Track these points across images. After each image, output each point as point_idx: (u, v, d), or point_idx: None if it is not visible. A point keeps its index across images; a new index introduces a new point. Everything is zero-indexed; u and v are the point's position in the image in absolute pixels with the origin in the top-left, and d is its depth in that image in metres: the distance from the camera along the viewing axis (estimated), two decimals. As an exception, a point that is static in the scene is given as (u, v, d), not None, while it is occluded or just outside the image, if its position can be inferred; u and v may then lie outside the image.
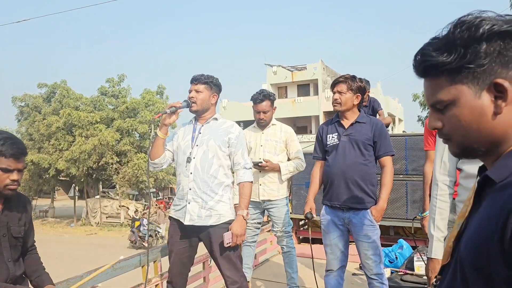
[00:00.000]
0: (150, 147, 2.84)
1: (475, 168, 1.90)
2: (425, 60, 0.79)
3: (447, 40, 0.76)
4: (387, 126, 4.67)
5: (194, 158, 2.73)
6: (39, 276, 2.12)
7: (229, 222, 2.70)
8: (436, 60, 0.77)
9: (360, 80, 2.95)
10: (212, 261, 3.17)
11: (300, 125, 32.64)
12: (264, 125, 3.62)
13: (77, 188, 26.27)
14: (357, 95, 2.89)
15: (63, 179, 26.13)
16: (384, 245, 3.54)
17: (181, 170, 2.77)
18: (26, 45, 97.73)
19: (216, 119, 2.84)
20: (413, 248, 4.29)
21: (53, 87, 24.15)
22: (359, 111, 2.95)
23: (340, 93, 2.87)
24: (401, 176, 4.73)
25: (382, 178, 2.85)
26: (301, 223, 5.93)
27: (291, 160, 3.64)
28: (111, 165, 22.30)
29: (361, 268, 3.23)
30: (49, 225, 24.80)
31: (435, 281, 0.88)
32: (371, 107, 4.73)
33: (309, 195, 3.07)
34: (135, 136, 23.61)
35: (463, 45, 0.74)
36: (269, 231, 4.83)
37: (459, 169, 2.01)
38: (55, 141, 22.34)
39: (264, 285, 4.17)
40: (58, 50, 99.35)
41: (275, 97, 3.72)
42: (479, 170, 0.84)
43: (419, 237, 4.11)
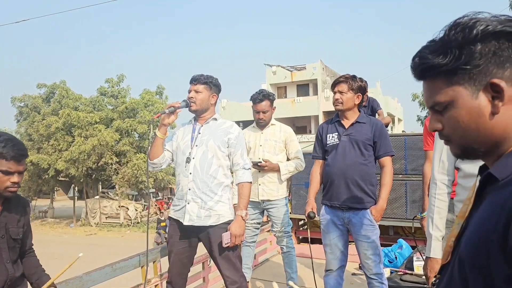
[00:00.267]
0: (149, 147, 2.84)
1: (474, 167, 1.90)
2: (422, 63, 0.80)
3: (442, 42, 0.77)
4: (386, 126, 4.67)
5: (193, 158, 2.72)
6: (38, 279, 2.12)
7: (228, 223, 2.69)
8: (432, 62, 0.77)
9: (361, 80, 2.96)
10: (212, 261, 3.17)
11: (300, 125, 32.65)
12: (264, 125, 3.62)
13: (76, 188, 26.28)
14: (358, 95, 2.89)
15: (63, 179, 26.13)
16: (383, 245, 3.54)
17: (180, 170, 2.77)
18: (25, 45, 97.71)
19: (215, 119, 2.84)
20: (413, 248, 4.29)
21: (52, 88, 24.15)
22: (359, 111, 2.96)
23: (341, 93, 2.87)
24: (400, 176, 4.73)
25: (382, 178, 2.85)
26: (300, 223, 5.93)
27: (290, 160, 3.64)
28: (110, 166, 22.30)
29: (360, 268, 3.23)
30: (48, 225, 24.79)
31: (435, 280, 0.88)
32: (370, 107, 4.73)
33: (310, 194, 3.06)
34: (135, 136, 23.60)
35: (458, 47, 0.75)
36: (268, 231, 4.82)
37: (458, 169, 2.01)
38: (55, 141, 22.34)
39: (263, 285, 4.17)
40: (57, 50, 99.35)
41: (274, 97, 3.72)
42: (480, 170, 0.84)
43: (418, 236, 4.11)
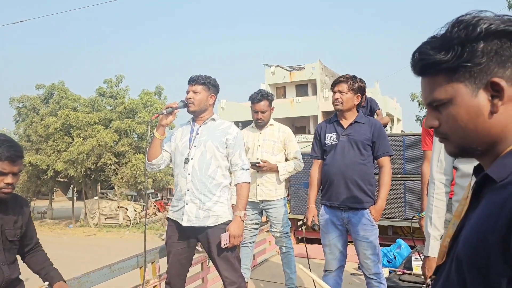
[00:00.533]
0: (147, 148, 2.84)
1: (471, 167, 1.90)
2: (422, 59, 0.79)
3: (444, 39, 0.76)
4: (385, 126, 4.67)
5: (192, 159, 2.72)
6: (47, 274, 2.10)
7: (227, 223, 2.69)
8: (433, 58, 0.77)
9: (361, 81, 2.96)
10: (211, 262, 3.17)
11: (299, 125, 32.65)
12: (262, 125, 3.61)
13: (75, 189, 26.23)
14: (358, 95, 2.90)
15: (61, 180, 26.08)
16: (382, 245, 3.54)
17: (179, 171, 2.77)
18: (23, 46, 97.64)
19: (214, 119, 2.84)
20: (411, 247, 4.29)
21: (51, 88, 24.11)
22: (357, 111, 2.96)
23: (341, 92, 2.87)
24: (399, 176, 4.73)
25: (381, 178, 2.85)
26: (299, 223, 5.92)
27: (289, 160, 3.64)
28: (109, 166, 22.26)
29: (359, 268, 3.23)
30: (47, 226, 24.75)
31: (430, 280, 0.87)
32: (369, 107, 4.73)
33: (310, 200, 3.03)
34: (133, 137, 23.59)
35: (460, 44, 0.74)
36: (267, 231, 4.82)
37: (456, 168, 2.01)
38: (53, 142, 22.31)
39: (262, 286, 4.16)
40: (55, 51, 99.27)
41: (273, 97, 3.71)
42: (475, 170, 0.84)
43: (417, 236, 4.11)
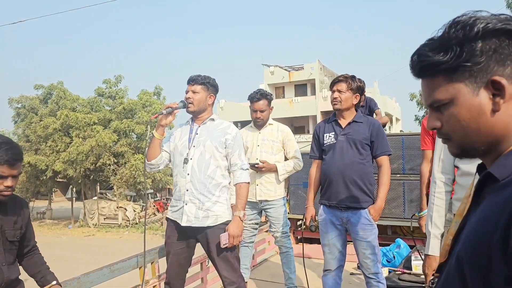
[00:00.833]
0: (147, 148, 2.83)
1: (471, 166, 1.91)
2: (421, 60, 0.79)
3: (442, 40, 0.77)
4: (384, 126, 4.67)
5: (191, 159, 2.72)
6: (43, 277, 2.11)
7: (226, 223, 2.69)
8: (432, 59, 0.77)
9: (360, 80, 2.96)
10: (210, 262, 3.17)
11: (298, 125, 32.65)
12: (261, 124, 3.61)
13: (74, 189, 26.20)
14: (356, 95, 2.90)
15: (61, 180, 26.06)
16: (381, 244, 3.54)
17: (178, 171, 2.77)
18: (22, 46, 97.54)
19: (213, 119, 2.84)
20: (411, 247, 4.30)
21: (49, 89, 24.09)
22: (356, 111, 2.96)
23: (340, 91, 2.87)
24: (398, 175, 4.73)
25: (380, 177, 2.85)
26: (298, 223, 5.92)
27: (288, 159, 3.64)
28: (108, 166, 22.25)
29: (359, 267, 3.24)
30: (46, 226, 24.73)
31: (432, 279, 0.87)
32: (368, 107, 4.73)
33: (309, 200, 3.04)
34: (132, 137, 23.58)
35: (458, 44, 0.74)
36: (267, 231, 4.82)
37: (456, 167, 2.02)
38: (52, 142, 22.28)
39: (262, 286, 4.16)
40: (54, 51, 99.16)
41: (272, 96, 3.71)
42: (478, 169, 0.84)
43: (417, 236, 4.11)
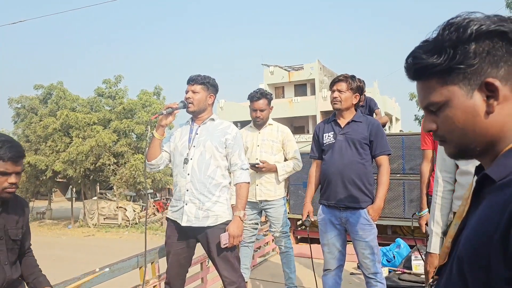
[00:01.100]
0: (147, 148, 2.84)
1: (468, 165, 1.91)
2: (416, 63, 0.80)
3: (436, 42, 0.77)
4: (384, 126, 4.67)
5: (191, 159, 2.72)
6: (36, 279, 2.12)
7: (226, 223, 2.69)
8: (426, 62, 0.77)
9: (359, 80, 2.97)
10: (210, 262, 3.17)
11: (297, 125, 32.66)
12: (261, 124, 3.61)
13: (74, 189, 26.21)
14: (356, 94, 2.90)
15: (60, 180, 26.06)
16: (381, 244, 3.55)
17: (178, 171, 2.77)
18: (22, 46, 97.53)
19: (213, 119, 2.84)
20: (411, 247, 4.30)
21: (49, 89, 24.09)
22: (355, 110, 2.96)
23: (340, 91, 2.87)
24: (398, 175, 4.74)
25: (379, 177, 2.86)
26: (298, 223, 5.93)
27: (288, 160, 3.64)
28: (108, 166, 22.25)
29: (358, 267, 3.24)
30: (46, 227, 24.73)
31: (432, 281, 0.88)
32: (368, 107, 4.74)
33: (306, 197, 3.05)
34: (132, 137, 23.58)
35: (452, 46, 0.75)
36: (267, 231, 4.83)
37: (457, 166, 2.03)
38: (52, 142, 22.28)
39: (262, 285, 4.17)
40: (54, 51, 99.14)
41: (272, 96, 3.71)
42: (477, 170, 0.84)
43: (417, 235, 4.12)
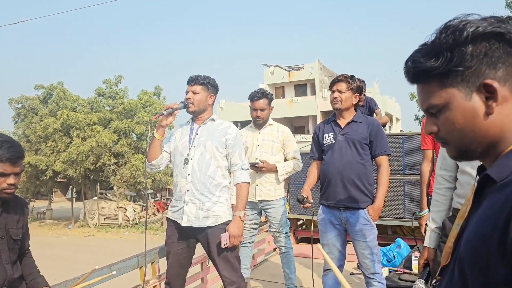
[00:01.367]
0: (147, 148, 2.84)
1: (467, 164, 1.93)
2: (415, 67, 0.81)
3: (434, 46, 0.78)
4: (384, 126, 4.68)
5: (191, 159, 2.72)
6: (33, 279, 2.12)
7: (226, 223, 2.69)
8: (424, 65, 0.78)
9: (359, 80, 2.98)
10: (210, 262, 3.17)
11: (298, 125, 32.65)
12: (261, 123, 3.61)
13: (74, 189, 26.21)
14: (356, 94, 2.90)
15: (61, 180, 26.07)
16: (381, 244, 3.55)
17: (178, 171, 2.77)
18: (22, 47, 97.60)
19: (213, 119, 2.84)
20: (411, 247, 4.30)
21: (49, 89, 24.10)
22: (355, 110, 2.96)
23: (340, 91, 2.87)
24: (398, 175, 4.74)
25: (379, 177, 2.86)
26: (299, 223, 5.93)
27: (288, 160, 3.64)
28: (108, 167, 22.26)
29: (358, 267, 3.24)
30: (46, 227, 24.73)
31: (435, 282, 0.88)
32: (368, 107, 4.74)
33: (305, 185, 2.99)
34: (133, 137, 23.58)
35: (449, 49, 0.75)
36: (267, 231, 4.82)
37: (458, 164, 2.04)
38: (52, 142, 22.29)
39: (262, 286, 4.17)
40: (54, 51, 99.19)
41: (272, 97, 3.71)
42: (478, 170, 0.84)
43: (418, 235, 4.11)
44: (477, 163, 1.94)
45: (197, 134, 2.78)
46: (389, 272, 3.76)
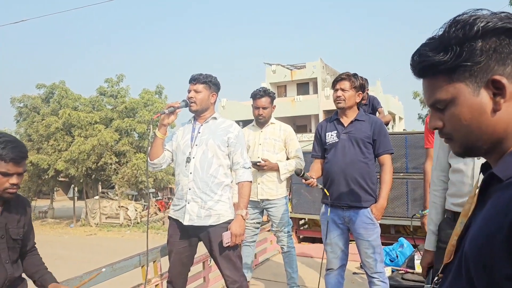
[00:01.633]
0: (149, 147, 2.83)
1: (459, 162, 1.93)
2: (422, 61, 0.79)
3: (442, 40, 0.76)
4: (387, 124, 4.67)
5: (193, 158, 2.71)
6: (42, 276, 2.12)
7: (228, 222, 2.69)
8: (432, 60, 0.77)
9: (362, 78, 2.96)
10: (212, 261, 3.16)
11: (300, 124, 32.63)
12: (263, 122, 3.60)
13: (76, 188, 26.27)
14: (359, 93, 2.89)
15: (62, 179, 26.12)
16: (384, 243, 3.53)
17: (180, 170, 2.76)
18: (24, 46, 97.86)
19: (215, 118, 2.83)
20: (414, 246, 4.29)
21: (51, 88, 24.12)
22: (358, 109, 2.95)
23: (343, 90, 2.86)
24: (401, 174, 4.73)
25: (382, 176, 2.84)
26: (301, 222, 5.92)
27: (290, 159, 3.63)
28: (110, 166, 22.29)
29: (361, 267, 3.23)
30: (48, 226, 24.79)
31: (437, 279, 0.87)
32: (371, 105, 4.73)
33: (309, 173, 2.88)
34: (134, 136, 23.60)
35: (458, 44, 0.74)
36: (269, 230, 4.82)
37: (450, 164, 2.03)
38: (54, 141, 22.33)
39: (264, 285, 4.16)
40: (56, 50, 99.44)
41: (275, 95, 3.70)
42: (482, 168, 0.83)
43: (419, 235, 4.10)
44: (470, 160, 1.92)
45: (199, 132, 2.78)
46: (392, 271, 3.75)
